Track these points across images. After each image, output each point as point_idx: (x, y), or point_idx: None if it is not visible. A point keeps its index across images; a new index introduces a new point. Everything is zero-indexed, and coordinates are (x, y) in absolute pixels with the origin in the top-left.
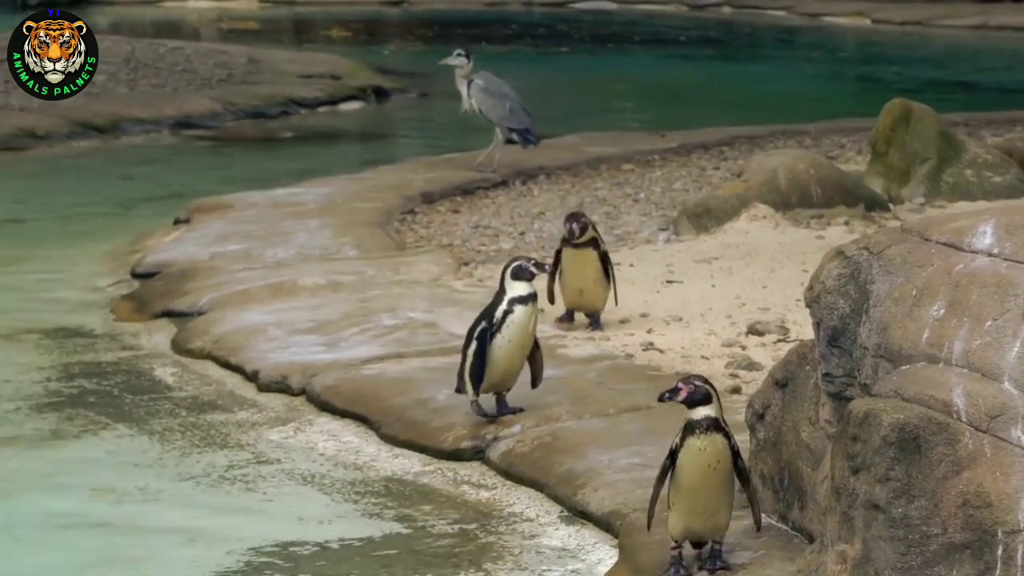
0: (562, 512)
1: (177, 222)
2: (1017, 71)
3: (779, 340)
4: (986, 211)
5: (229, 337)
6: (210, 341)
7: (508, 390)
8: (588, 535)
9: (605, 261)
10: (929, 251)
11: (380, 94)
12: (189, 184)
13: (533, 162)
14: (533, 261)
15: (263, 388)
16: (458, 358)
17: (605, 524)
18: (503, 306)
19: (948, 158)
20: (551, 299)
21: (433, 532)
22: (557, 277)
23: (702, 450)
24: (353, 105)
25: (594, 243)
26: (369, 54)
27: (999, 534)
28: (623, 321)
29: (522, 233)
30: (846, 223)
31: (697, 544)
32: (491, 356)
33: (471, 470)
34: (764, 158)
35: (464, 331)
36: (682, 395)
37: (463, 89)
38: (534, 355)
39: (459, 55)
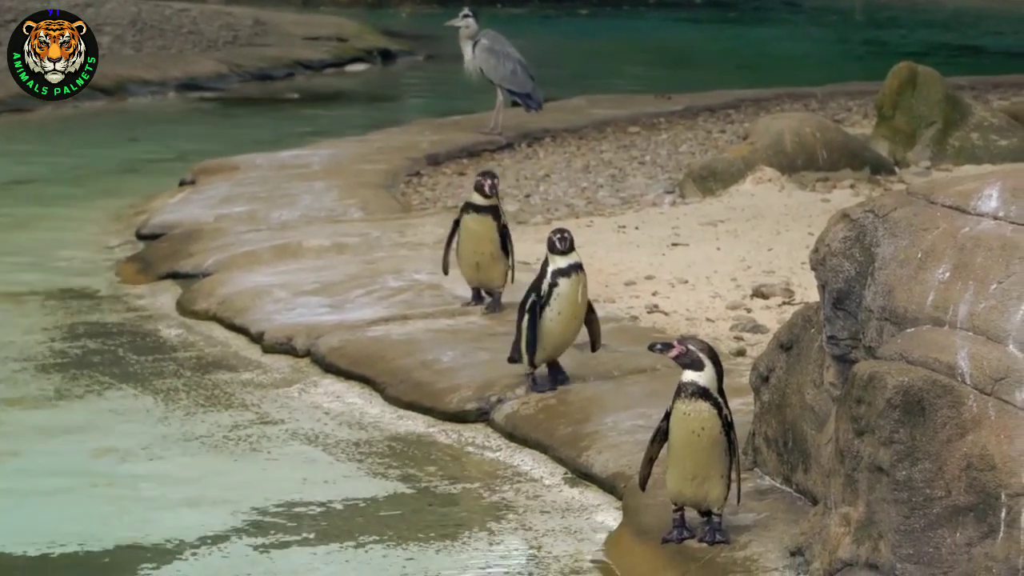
0: (566, 474)
1: (182, 184)
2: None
3: (784, 303)
4: (992, 174)
5: (234, 298)
6: (215, 302)
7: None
8: (592, 497)
9: (504, 235)
10: (934, 214)
11: (386, 56)
12: (194, 146)
13: (538, 124)
14: (564, 230)
15: (268, 349)
16: (464, 320)
17: (609, 486)
18: (548, 279)
19: (954, 121)
20: (445, 270)
21: (437, 493)
22: (454, 247)
23: (686, 415)
24: (359, 67)
25: (495, 212)
26: (384, 17)
27: (1003, 497)
28: (628, 283)
29: (527, 195)
30: (851, 186)
31: (704, 513)
32: (543, 328)
33: (475, 432)
34: (770, 121)
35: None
36: (672, 352)
37: (467, 50)
38: (591, 320)
39: (465, 15)
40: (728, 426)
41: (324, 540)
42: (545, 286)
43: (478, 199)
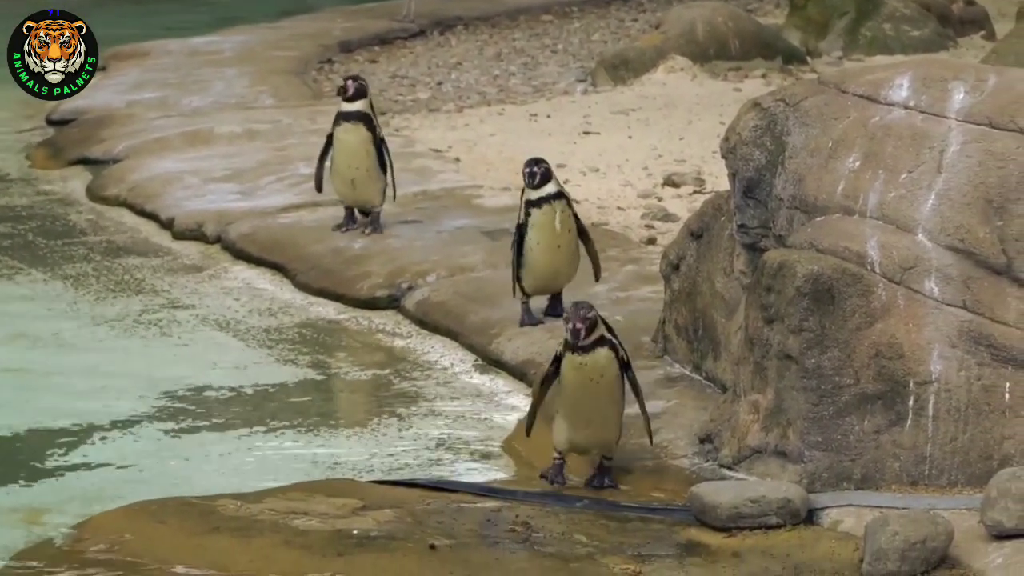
0: (476, 361)
1: None
2: None
3: (695, 191)
4: (903, 64)
5: (145, 185)
6: (125, 188)
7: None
8: (502, 383)
9: (381, 147)
10: (845, 103)
11: None
12: (106, 32)
13: (451, 12)
14: (536, 163)
15: (178, 236)
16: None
17: (519, 373)
18: (522, 210)
19: (867, 12)
20: (318, 187)
21: (347, 379)
22: (328, 164)
23: (583, 365)
24: None
25: (368, 121)
26: None
27: (911, 385)
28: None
29: (439, 83)
30: (763, 76)
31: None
32: (525, 259)
33: (386, 319)
34: (682, 10)
35: None
36: (581, 335)
37: None
38: (588, 248)
39: None
40: (625, 366)
41: (234, 426)
42: (521, 216)
43: (345, 105)
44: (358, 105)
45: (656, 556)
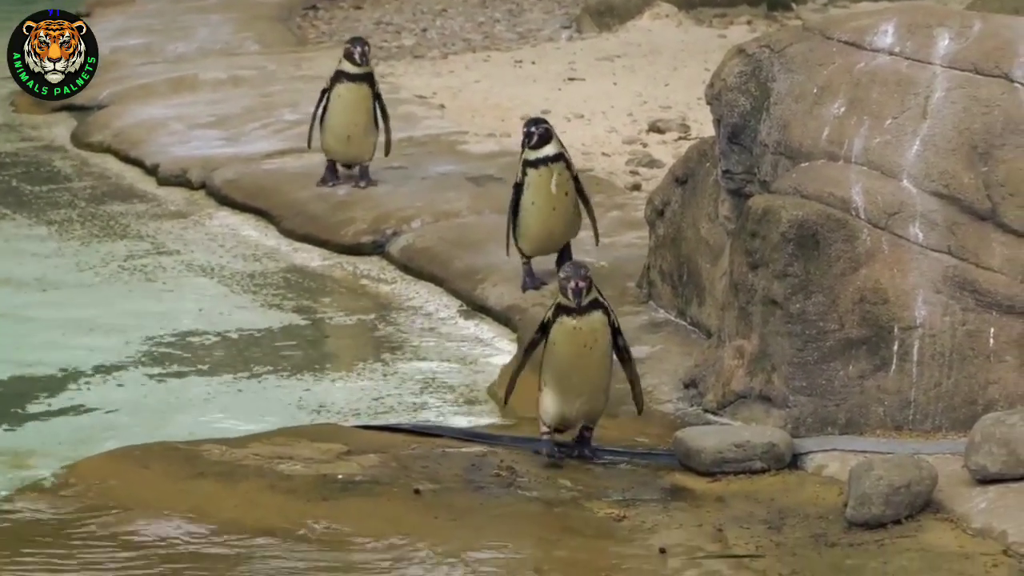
0: (461, 307)
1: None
2: None
3: (680, 137)
4: (888, 10)
5: (129, 131)
6: (110, 135)
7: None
8: (487, 329)
9: (380, 105)
10: (830, 49)
11: None
12: None
13: None
14: (535, 123)
15: (163, 182)
16: None
17: (504, 318)
18: (520, 169)
19: None
20: (309, 143)
21: (332, 324)
22: (320, 119)
23: (577, 329)
24: None
25: (370, 80)
26: None
27: (895, 330)
28: (524, 118)
29: (424, 30)
30: (748, 22)
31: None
32: (520, 219)
33: (371, 264)
34: None
35: None
36: (583, 294)
37: None
38: (588, 210)
39: None
40: (616, 332)
41: (219, 371)
42: (519, 175)
43: (350, 67)
44: (362, 68)
45: (640, 500)
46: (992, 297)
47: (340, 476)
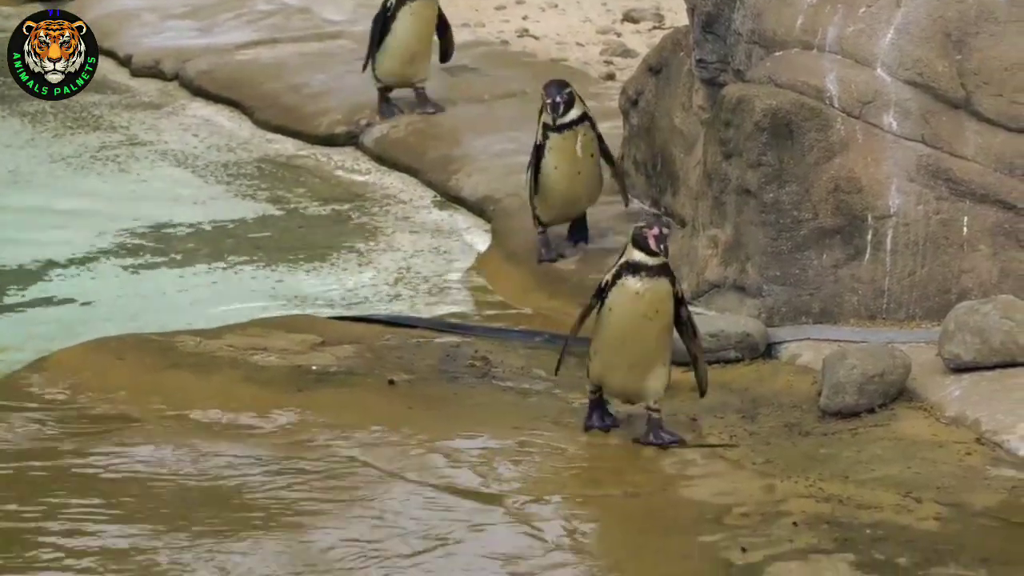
0: (435, 197)
1: None
2: None
3: (654, 27)
4: None
5: (102, 21)
6: None
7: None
8: (461, 219)
9: (442, 20)
10: None
11: None
12: None
13: None
14: (558, 91)
15: (136, 73)
16: (334, 44)
17: (478, 209)
18: (539, 131)
19: None
20: (365, 67)
21: (306, 214)
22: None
23: (639, 295)
24: None
25: None
26: None
27: (869, 219)
28: (498, 8)
29: None
30: None
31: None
32: (541, 184)
33: (345, 155)
34: None
35: (339, 16)
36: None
37: None
38: (614, 171)
39: None
40: (680, 302)
41: (193, 261)
42: (539, 136)
43: None
44: None
45: None
46: (966, 186)
47: (314, 367)
